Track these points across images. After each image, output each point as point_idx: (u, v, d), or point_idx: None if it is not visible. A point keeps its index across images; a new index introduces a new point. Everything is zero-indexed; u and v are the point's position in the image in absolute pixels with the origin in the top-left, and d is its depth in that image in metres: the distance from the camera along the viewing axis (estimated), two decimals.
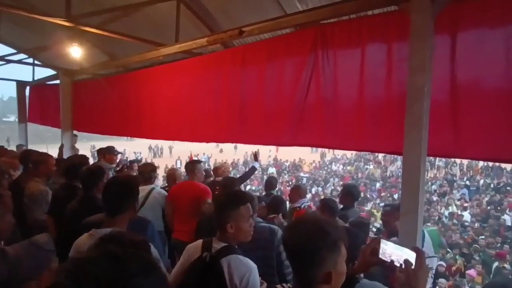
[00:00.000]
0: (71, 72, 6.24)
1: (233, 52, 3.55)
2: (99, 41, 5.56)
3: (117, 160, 4.92)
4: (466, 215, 12.06)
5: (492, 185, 16.79)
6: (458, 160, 22.75)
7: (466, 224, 11.13)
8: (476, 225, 11.00)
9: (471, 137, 2.08)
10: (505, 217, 11.33)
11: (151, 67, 4.70)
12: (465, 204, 13.56)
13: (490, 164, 21.73)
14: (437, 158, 21.97)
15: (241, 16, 3.66)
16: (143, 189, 3.11)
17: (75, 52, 4.57)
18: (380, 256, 1.19)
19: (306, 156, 25.52)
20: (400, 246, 1.14)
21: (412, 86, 2.10)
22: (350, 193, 3.66)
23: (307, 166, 24.44)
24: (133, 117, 5.02)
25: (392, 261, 1.14)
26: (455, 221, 11.40)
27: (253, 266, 1.62)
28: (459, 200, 14.10)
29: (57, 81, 6.62)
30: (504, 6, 2.04)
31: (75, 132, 6.56)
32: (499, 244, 8.87)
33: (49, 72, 7.27)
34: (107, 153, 4.82)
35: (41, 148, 5.85)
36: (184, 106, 4.07)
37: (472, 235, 9.71)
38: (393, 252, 1.16)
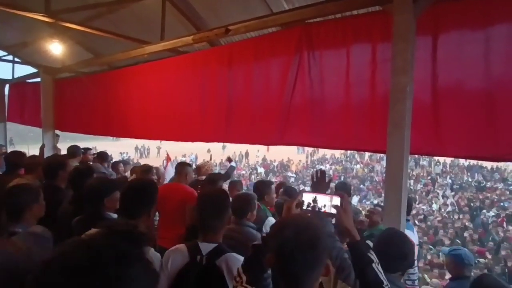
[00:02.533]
0: (53, 69, 6.05)
1: (220, 50, 3.52)
2: (83, 38, 5.42)
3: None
4: (449, 212, 12.40)
5: (473, 183, 17.34)
6: (441, 159, 23.38)
7: (449, 221, 11.43)
8: (459, 222, 11.31)
9: (452, 136, 2.13)
10: (486, 213, 11.71)
11: (136, 65, 4.60)
12: (448, 202, 13.95)
13: (472, 162, 22.45)
14: (422, 157, 22.48)
15: (228, 14, 3.63)
16: None
17: (56, 48, 4.44)
18: (305, 206, 1.38)
19: (293, 157, 25.67)
20: (323, 195, 1.37)
21: (395, 86, 2.13)
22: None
23: (295, 166, 24.59)
24: (117, 116, 4.92)
25: (314, 207, 1.36)
26: (438, 218, 11.70)
27: None
28: (442, 198, 14.48)
29: (38, 79, 6.41)
30: (483, 8, 2.09)
31: (57, 132, 6.38)
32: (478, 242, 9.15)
33: (30, 69, 7.05)
34: (77, 153, 4.71)
35: (22, 149, 5.64)
36: (170, 105, 4.01)
37: (454, 232, 9.98)
38: (318, 199, 1.37)
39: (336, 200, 1.31)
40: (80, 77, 5.81)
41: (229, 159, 4.97)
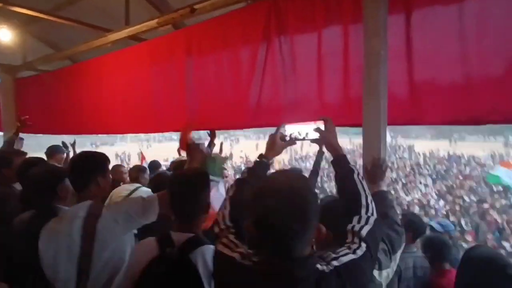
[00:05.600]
0: (13, 68, 5.65)
1: (185, 32, 3.31)
2: (44, 33, 5.08)
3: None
4: (431, 203, 12.63)
5: (451, 173, 17.88)
6: (421, 151, 24.03)
7: (432, 211, 11.62)
8: (442, 211, 11.52)
9: (429, 102, 2.02)
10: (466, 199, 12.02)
11: (101, 56, 4.32)
12: (429, 191, 14.24)
13: (451, 152, 23.26)
14: (402, 149, 22.99)
15: None
16: (126, 188, 3.22)
17: (4, 35, 4.10)
18: (288, 137, 1.42)
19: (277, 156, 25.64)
20: (305, 124, 1.40)
21: (368, 51, 2.01)
22: None
23: (278, 163, 24.57)
24: (86, 112, 4.60)
25: (296, 137, 1.42)
26: (418, 207, 11.87)
27: None
28: (424, 187, 14.78)
29: None
30: None
31: (21, 135, 5.95)
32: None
33: None
34: (56, 152, 4.42)
35: None
36: (135, 96, 3.76)
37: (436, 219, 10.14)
38: (300, 130, 1.41)
39: (319, 124, 1.37)
40: (44, 74, 5.44)
41: (221, 149, 4.16)
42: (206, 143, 3.17)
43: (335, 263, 0.93)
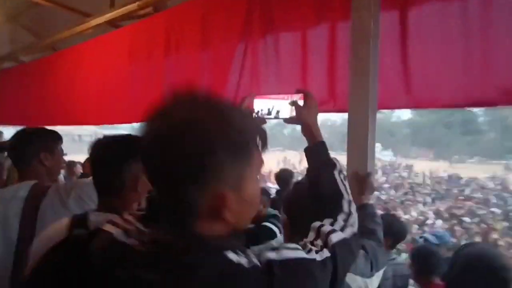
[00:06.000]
0: None
1: (164, 16, 3.09)
2: (31, 23, 4.91)
3: None
4: (430, 222, 12.22)
5: (451, 193, 17.50)
6: (420, 170, 23.73)
7: (430, 229, 11.22)
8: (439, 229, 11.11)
9: (423, 84, 1.76)
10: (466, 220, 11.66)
11: (82, 43, 4.11)
12: (429, 212, 13.83)
13: (450, 173, 22.95)
14: (402, 168, 22.68)
15: None
16: None
17: None
18: (256, 114, 1.13)
19: (275, 168, 25.34)
20: (278, 99, 1.12)
21: (357, 24, 1.76)
22: None
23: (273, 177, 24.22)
24: (61, 103, 4.36)
25: (265, 115, 1.12)
26: (417, 226, 11.48)
27: None
28: (423, 206, 14.41)
29: None
30: None
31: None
32: None
33: None
34: None
35: None
36: (114, 85, 3.52)
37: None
38: (272, 105, 1.11)
39: (296, 98, 1.10)
40: (24, 65, 5.26)
41: None
42: None
43: (271, 255, 0.62)
